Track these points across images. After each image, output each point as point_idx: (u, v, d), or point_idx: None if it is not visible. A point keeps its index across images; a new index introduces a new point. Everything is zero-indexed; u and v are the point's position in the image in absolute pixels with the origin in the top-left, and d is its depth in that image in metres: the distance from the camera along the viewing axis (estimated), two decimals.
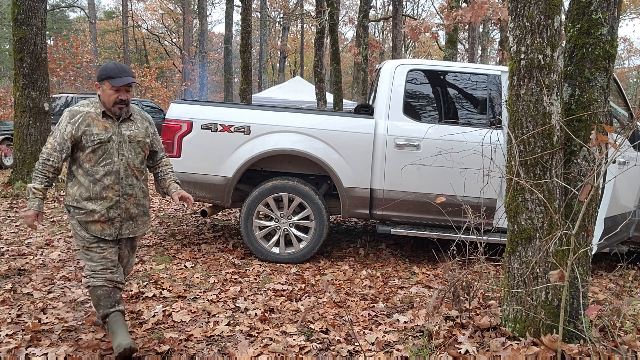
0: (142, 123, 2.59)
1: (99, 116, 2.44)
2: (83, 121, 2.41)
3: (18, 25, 6.88)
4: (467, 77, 4.20)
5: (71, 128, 2.39)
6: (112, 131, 2.45)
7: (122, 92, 2.42)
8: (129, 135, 2.49)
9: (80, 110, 2.44)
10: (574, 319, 2.49)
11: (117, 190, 2.46)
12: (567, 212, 2.47)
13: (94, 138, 2.40)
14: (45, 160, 2.40)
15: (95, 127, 2.41)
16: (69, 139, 2.39)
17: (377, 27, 31.20)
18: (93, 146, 2.40)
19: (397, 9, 13.28)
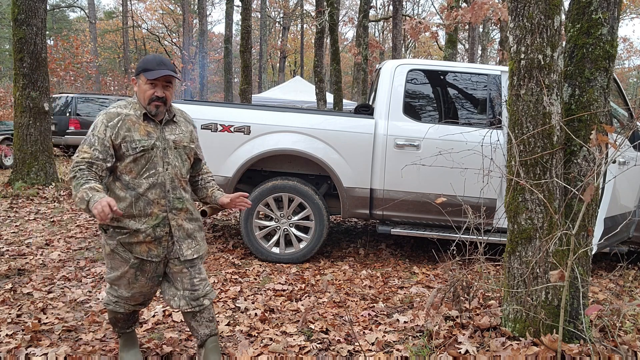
0: (186, 126, 2.20)
1: (139, 119, 2.05)
2: (123, 125, 2.01)
3: (18, 25, 6.88)
4: (467, 77, 4.20)
5: (110, 133, 1.99)
6: (155, 136, 2.05)
7: (159, 87, 2.03)
8: (173, 141, 2.11)
9: (118, 112, 2.04)
10: (574, 319, 2.49)
11: (163, 205, 2.07)
12: (567, 212, 2.47)
13: (136, 145, 2.01)
14: (88, 165, 1.94)
15: (137, 132, 2.02)
16: (110, 146, 1.99)
17: (377, 27, 31.20)
18: (135, 154, 2.01)
19: (397, 9, 13.28)
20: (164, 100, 2.05)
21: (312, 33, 25.39)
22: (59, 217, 5.54)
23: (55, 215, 5.62)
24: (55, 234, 4.79)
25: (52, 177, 7.18)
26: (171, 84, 2.06)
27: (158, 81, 2.02)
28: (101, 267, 3.81)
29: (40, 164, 7.05)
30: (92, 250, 4.30)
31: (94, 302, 3.11)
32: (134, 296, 2.17)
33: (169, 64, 2.06)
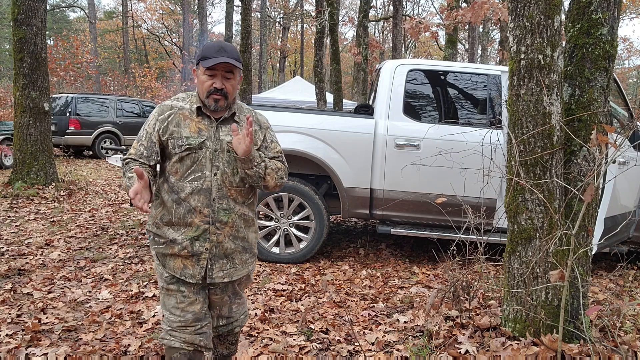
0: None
1: (193, 114, 1.78)
2: (173, 119, 1.78)
3: (18, 25, 6.88)
4: (467, 77, 4.20)
5: (159, 126, 1.77)
6: (206, 135, 1.77)
7: (218, 77, 1.74)
8: (229, 142, 1.78)
9: (172, 105, 1.81)
10: (574, 319, 2.49)
11: (206, 214, 1.76)
12: (567, 212, 2.47)
13: (182, 142, 1.75)
14: (133, 161, 1.77)
15: (187, 127, 1.77)
16: (157, 141, 1.77)
17: (377, 27, 31.20)
18: (180, 153, 1.75)
19: (397, 9, 13.28)
20: (225, 93, 1.75)
21: (312, 33, 25.40)
22: (59, 217, 5.54)
23: (55, 215, 5.62)
24: (55, 234, 4.79)
25: (52, 177, 7.18)
26: (233, 74, 1.76)
27: (217, 71, 1.74)
28: (101, 267, 3.81)
29: (40, 164, 7.05)
30: (92, 250, 4.30)
31: (94, 302, 3.11)
32: (181, 317, 1.79)
33: (232, 50, 1.76)
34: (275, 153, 1.91)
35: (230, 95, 1.78)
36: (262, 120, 1.92)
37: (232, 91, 1.77)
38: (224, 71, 1.74)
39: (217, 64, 1.71)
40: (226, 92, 1.76)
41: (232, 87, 1.77)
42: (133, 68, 24.31)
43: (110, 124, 12.19)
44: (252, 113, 1.89)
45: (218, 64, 1.72)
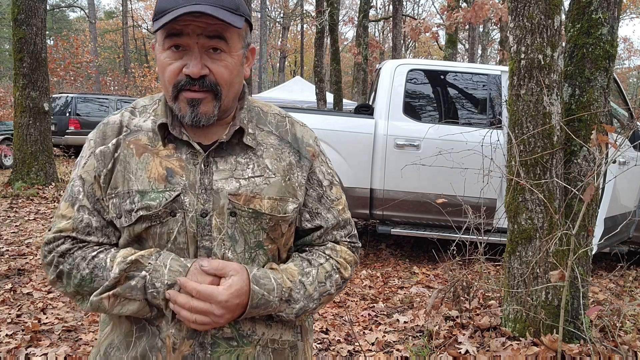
0: (279, 151, 0.94)
1: (155, 141, 0.90)
2: (121, 155, 0.90)
3: (18, 25, 6.88)
4: (467, 77, 4.20)
5: (99, 169, 0.90)
6: (183, 182, 0.87)
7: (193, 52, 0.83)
8: (232, 194, 0.88)
9: (122, 122, 0.93)
10: (574, 319, 2.48)
11: (185, 355, 0.86)
12: (567, 212, 2.47)
13: (133, 205, 0.87)
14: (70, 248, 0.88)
15: (142, 171, 0.88)
16: (98, 188, 0.90)
17: (377, 27, 31.21)
18: (130, 226, 0.88)
19: (397, 9, 13.28)
20: (211, 84, 0.85)
21: (312, 33, 25.42)
22: None
23: None
24: None
25: (52, 177, 7.18)
26: (226, 42, 0.84)
27: (185, 37, 0.82)
28: None
29: (40, 164, 7.05)
30: None
31: None
32: None
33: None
34: (339, 214, 0.98)
35: (226, 89, 0.86)
36: (304, 139, 0.97)
37: (227, 80, 0.85)
38: (204, 36, 0.82)
39: (179, 16, 0.79)
40: (214, 81, 0.84)
41: (229, 70, 0.85)
42: (133, 68, 24.33)
43: None
44: (278, 120, 0.98)
45: (190, 18, 0.80)
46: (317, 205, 0.97)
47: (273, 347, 0.92)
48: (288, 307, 0.89)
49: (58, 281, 0.88)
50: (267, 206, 0.89)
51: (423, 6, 40.58)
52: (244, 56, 0.90)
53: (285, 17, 31.18)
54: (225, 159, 0.90)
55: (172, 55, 0.85)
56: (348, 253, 0.98)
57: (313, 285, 0.91)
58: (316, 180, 0.97)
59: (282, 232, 0.92)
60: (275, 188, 0.91)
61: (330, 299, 0.96)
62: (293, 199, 0.92)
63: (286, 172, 0.93)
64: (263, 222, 0.89)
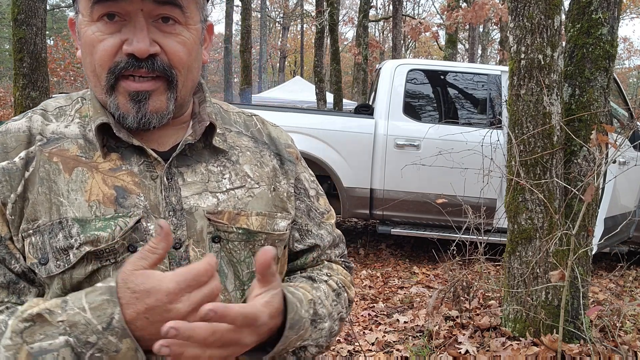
0: (258, 155, 0.75)
1: (90, 150, 0.66)
2: (39, 169, 0.64)
3: (18, 25, 6.88)
4: (467, 77, 4.20)
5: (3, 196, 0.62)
6: (142, 204, 0.64)
7: (134, 24, 0.60)
8: (210, 212, 0.67)
9: (32, 128, 0.67)
10: (574, 319, 2.48)
11: None
12: (567, 212, 2.47)
13: (71, 237, 0.61)
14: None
15: (79, 190, 0.63)
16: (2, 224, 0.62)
17: (377, 27, 31.22)
18: (67, 269, 0.60)
19: (397, 9, 13.29)
20: (160, 68, 0.63)
21: (312, 33, 25.43)
22: None
23: None
24: None
25: None
26: (180, 9, 0.63)
27: (128, 3, 0.60)
28: None
29: None
30: None
31: None
32: None
33: None
34: (332, 230, 0.84)
35: (183, 75, 0.66)
36: (280, 139, 0.81)
37: (185, 62, 0.66)
38: (149, 0, 0.61)
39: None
40: (167, 63, 0.64)
41: (187, 49, 0.66)
42: None
43: None
44: (253, 121, 0.81)
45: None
46: (307, 220, 0.78)
47: None
48: (314, 330, 0.66)
49: None
50: (257, 224, 0.69)
51: (423, 6, 40.62)
52: (202, 33, 0.68)
53: (285, 17, 31.19)
54: (193, 169, 0.68)
55: (105, 27, 0.61)
56: (345, 273, 0.81)
57: (328, 300, 0.72)
58: (303, 189, 0.78)
59: (277, 257, 0.71)
60: (262, 201, 0.71)
61: (342, 325, 0.76)
62: (282, 213, 0.73)
63: (271, 180, 0.74)
64: (256, 244, 0.68)
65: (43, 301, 0.57)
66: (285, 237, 0.73)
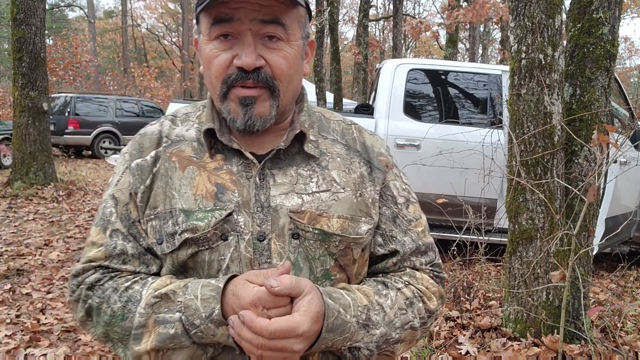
0: (348, 162, 0.81)
1: (202, 152, 0.78)
2: (161, 171, 0.78)
3: (17, 25, 6.86)
4: (468, 77, 4.19)
5: (135, 186, 0.78)
6: (235, 199, 0.74)
7: (244, 40, 0.71)
8: (293, 211, 0.75)
9: (162, 132, 0.82)
10: (575, 319, 2.48)
11: None
12: (568, 213, 2.46)
13: (176, 227, 0.74)
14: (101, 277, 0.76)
15: (188, 186, 0.76)
16: (134, 209, 0.78)
17: (378, 26, 31.20)
18: (173, 253, 0.74)
19: (398, 8, 13.28)
20: (266, 79, 0.73)
21: (312, 32, 25.36)
22: (57, 217, 5.53)
23: (54, 215, 5.61)
24: (54, 234, 4.78)
25: (51, 177, 7.17)
26: (283, 27, 0.72)
27: (235, 23, 0.71)
28: None
29: (39, 164, 7.04)
30: None
31: None
32: None
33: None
34: (419, 238, 0.84)
35: (284, 86, 0.74)
36: (374, 148, 0.85)
37: (286, 74, 0.74)
38: (258, 21, 0.71)
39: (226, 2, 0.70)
40: (270, 75, 0.73)
41: (288, 62, 0.74)
42: (132, 67, 24.32)
43: (109, 123, 12.18)
44: (351, 130, 0.86)
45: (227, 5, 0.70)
46: (392, 226, 0.81)
47: None
48: (366, 334, 0.71)
49: (87, 319, 0.77)
50: (337, 226, 0.75)
51: (424, 5, 40.61)
52: (303, 48, 0.77)
53: None
54: (284, 171, 0.77)
55: (220, 45, 0.72)
56: (430, 282, 0.81)
57: (393, 310, 0.74)
58: (390, 197, 0.82)
59: (354, 258, 0.77)
60: (345, 205, 0.76)
61: (415, 336, 0.77)
62: (366, 218, 0.78)
63: (357, 185, 0.78)
64: (331, 245, 0.74)
65: (170, 281, 0.72)
66: (362, 241, 0.77)
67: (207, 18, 0.73)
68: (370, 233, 0.78)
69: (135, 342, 0.70)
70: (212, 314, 0.67)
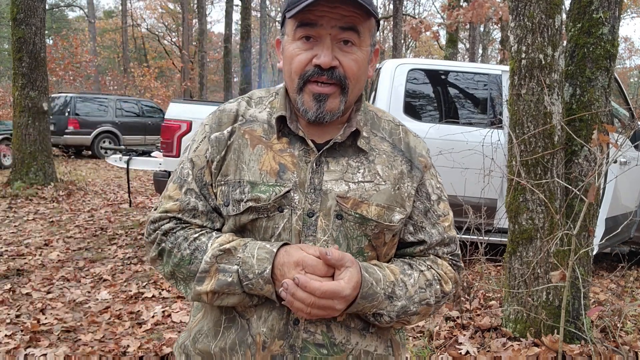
0: (392, 159, 0.93)
1: (270, 134, 0.91)
2: (234, 143, 0.91)
3: (17, 25, 6.86)
4: (468, 77, 4.19)
5: (213, 155, 0.91)
6: (294, 179, 0.87)
7: (324, 43, 0.83)
8: (340, 197, 0.87)
9: (238, 111, 0.94)
10: (575, 319, 2.48)
11: (275, 355, 0.86)
12: (568, 212, 2.46)
13: (243, 195, 0.87)
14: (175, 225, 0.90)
15: (255, 162, 0.89)
16: (208, 174, 0.91)
17: None
18: (237, 216, 0.88)
19: (398, 8, 13.27)
20: (340, 77, 0.84)
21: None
22: (57, 217, 5.53)
23: (54, 215, 5.61)
24: (54, 234, 4.78)
25: (51, 177, 7.17)
26: (357, 33, 0.84)
27: (319, 28, 0.83)
28: (100, 268, 3.80)
29: (39, 164, 7.04)
30: (91, 251, 4.29)
31: (93, 303, 3.10)
32: None
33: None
34: (444, 231, 0.95)
35: (352, 85, 0.85)
36: (417, 149, 0.96)
37: (356, 75, 0.85)
38: (337, 27, 0.82)
39: (316, 1, 0.79)
40: (342, 74, 0.84)
41: (358, 65, 0.85)
42: (132, 67, 24.32)
43: (109, 123, 12.19)
44: (392, 127, 0.97)
45: (327, 8, 0.81)
46: (423, 219, 0.94)
47: (367, 359, 0.89)
48: (390, 304, 0.85)
49: (158, 259, 0.90)
50: (374, 213, 0.87)
51: (424, 5, 40.58)
52: (370, 54, 0.89)
53: None
54: (337, 160, 0.89)
55: (303, 45, 0.85)
56: (449, 269, 0.95)
57: (414, 287, 0.88)
58: (425, 193, 0.94)
59: (385, 241, 0.90)
60: (384, 195, 0.89)
61: (429, 311, 0.91)
62: (400, 208, 0.90)
63: (397, 180, 0.91)
64: (368, 228, 0.87)
65: (232, 238, 0.85)
66: (394, 228, 0.90)
67: (293, 22, 0.85)
68: (402, 222, 0.91)
69: (198, 283, 0.84)
70: (263, 271, 0.80)
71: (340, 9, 0.81)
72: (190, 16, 26.82)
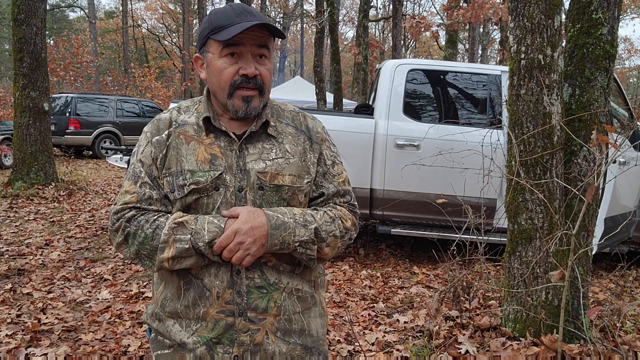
0: (296, 138, 1.19)
1: (200, 132, 1.14)
2: (173, 142, 1.13)
3: (18, 25, 6.87)
4: (467, 77, 4.20)
5: (156, 154, 1.12)
6: (224, 164, 1.11)
7: (247, 57, 1.09)
8: (259, 172, 1.12)
9: (172, 118, 1.17)
10: (575, 319, 2.48)
11: (228, 300, 1.09)
12: (568, 212, 2.46)
13: (185, 181, 1.09)
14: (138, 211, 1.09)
15: (191, 155, 1.11)
16: (155, 169, 1.12)
17: (378, 27, 31.20)
18: (182, 198, 1.10)
19: (397, 9, 13.28)
20: (260, 84, 1.10)
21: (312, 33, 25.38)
22: (58, 217, 5.54)
23: (55, 215, 5.62)
24: (55, 234, 4.79)
25: (51, 177, 7.18)
26: (268, 50, 1.11)
27: (243, 47, 1.08)
28: (101, 267, 3.81)
29: (40, 164, 7.05)
30: (91, 251, 4.30)
31: (94, 302, 3.11)
32: None
33: (258, 13, 1.13)
34: (339, 185, 1.20)
35: (267, 88, 1.13)
36: (314, 128, 1.22)
37: (269, 80, 1.13)
38: (255, 45, 1.08)
39: (244, 30, 1.04)
40: (261, 81, 1.10)
41: (269, 73, 1.12)
42: (133, 68, 24.32)
43: (110, 124, 12.19)
44: (294, 115, 1.22)
45: (246, 32, 1.05)
46: (322, 179, 1.20)
47: (297, 295, 1.15)
48: (306, 230, 1.08)
49: (124, 243, 1.08)
50: (289, 181, 1.13)
51: (423, 6, 40.55)
52: (271, 60, 1.15)
53: (285, 17, 31.16)
54: (254, 145, 1.14)
55: (229, 60, 1.09)
56: (346, 212, 1.19)
57: (322, 219, 1.12)
58: (323, 160, 1.20)
59: (300, 201, 1.15)
60: (294, 167, 1.14)
61: (336, 244, 1.14)
62: (307, 175, 1.16)
63: (302, 154, 1.17)
64: (283, 193, 1.13)
65: (184, 215, 1.07)
66: (303, 189, 1.15)
67: (218, 42, 1.08)
68: (309, 184, 1.17)
69: (160, 252, 1.04)
70: (212, 241, 1.03)
71: (257, 32, 1.07)
72: (191, 17, 26.82)
